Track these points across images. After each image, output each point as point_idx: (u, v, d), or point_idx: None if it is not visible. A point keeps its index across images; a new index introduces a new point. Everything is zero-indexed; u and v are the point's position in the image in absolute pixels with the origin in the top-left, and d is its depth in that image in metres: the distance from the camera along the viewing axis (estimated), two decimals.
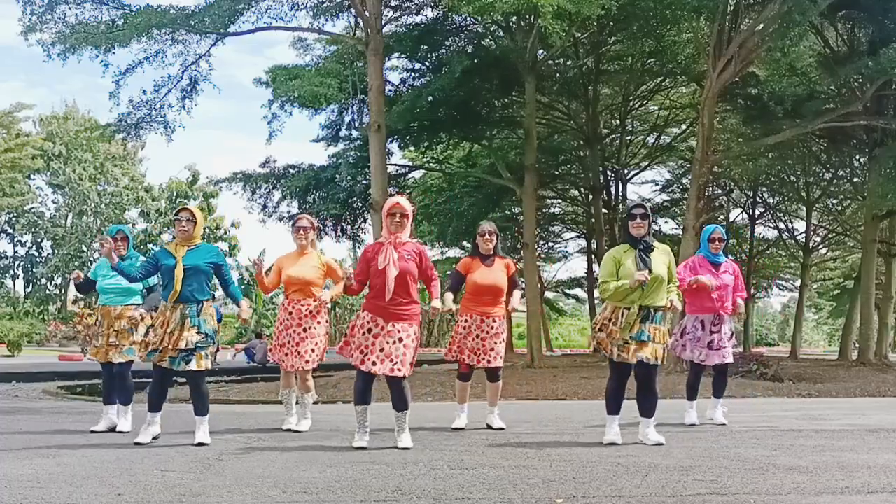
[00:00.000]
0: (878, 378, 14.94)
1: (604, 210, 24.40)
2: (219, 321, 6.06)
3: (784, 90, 17.65)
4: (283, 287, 6.51)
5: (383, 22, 15.57)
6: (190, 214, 5.74)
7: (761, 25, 15.23)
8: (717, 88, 15.75)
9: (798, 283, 30.58)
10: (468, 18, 17.85)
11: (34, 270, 44.29)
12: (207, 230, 44.22)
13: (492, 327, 6.44)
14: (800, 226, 28.48)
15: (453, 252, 32.62)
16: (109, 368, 6.46)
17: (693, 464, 4.76)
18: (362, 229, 22.05)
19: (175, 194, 45.52)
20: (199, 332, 5.57)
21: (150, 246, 44.94)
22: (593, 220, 24.54)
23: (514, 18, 17.21)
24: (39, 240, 44.83)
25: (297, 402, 6.61)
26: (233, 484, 4.18)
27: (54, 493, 3.95)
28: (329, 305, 6.42)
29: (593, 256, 26.47)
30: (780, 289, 37.19)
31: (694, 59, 18.96)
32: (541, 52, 18.62)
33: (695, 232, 15.58)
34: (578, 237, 31.54)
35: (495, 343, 6.44)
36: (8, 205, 38.68)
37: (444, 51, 18.95)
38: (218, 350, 5.90)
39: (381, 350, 5.36)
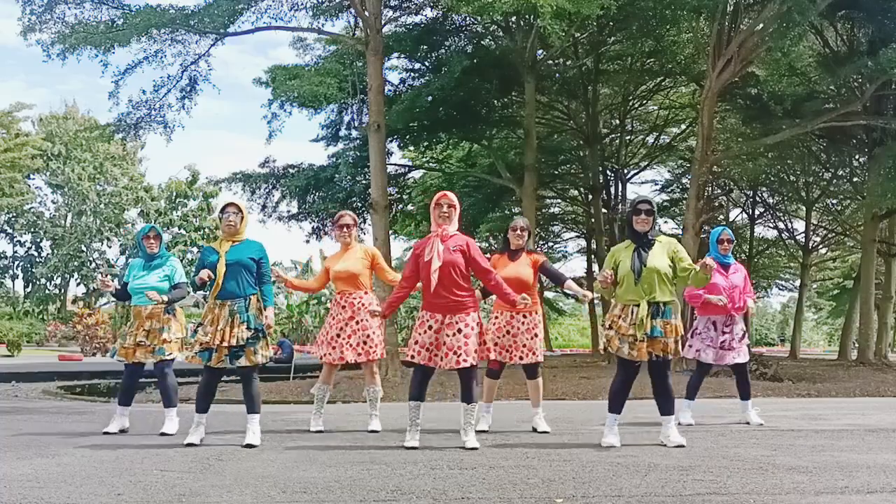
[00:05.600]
0: (877, 378, 14.95)
1: (603, 210, 24.40)
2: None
3: (784, 90, 17.67)
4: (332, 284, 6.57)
5: (383, 22, 15.55)
6: (236, 209, 5.70)
7: (761, 25, 15.24)
8: (716, 88, 15.76)
9: (798, 282, 30.61)
10: (468, 18, 17.85)
11: (33, 270, 44.27)
12: (207, 230, 44.23)
13: (522, 323, 6.25)
14: (799, 226, 28.54)
15: None
16: (133, 369, 6.37)
17: (693, 464, 4.76)
18: (362, 229, 22.03)
19: (174, 194, 45.51)
20: (248, 328, 5.52)
21: None
22: (593, 219, 24.56)
23: (514, 18, 17.21)
24: (39, 240, 44.81)
25: (368, 399, 6.55)
26: (233, 484, 4.18)
27: (54, 493, 3.94)
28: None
29: (593, 256, 26.49)
30: (780, 289, 37.26)
31: (693, 58, 18.98)
32: (540, 52, 18.62)
33: (694, 232, 15.60)
34: (578, 237, 31.58)
35: (527, 339, 6.23)
36: (7, 205, 38.66)
37: (443, 51, 18.95)
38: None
39: (444, 344, 5.37)
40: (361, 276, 6.38)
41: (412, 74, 20.01)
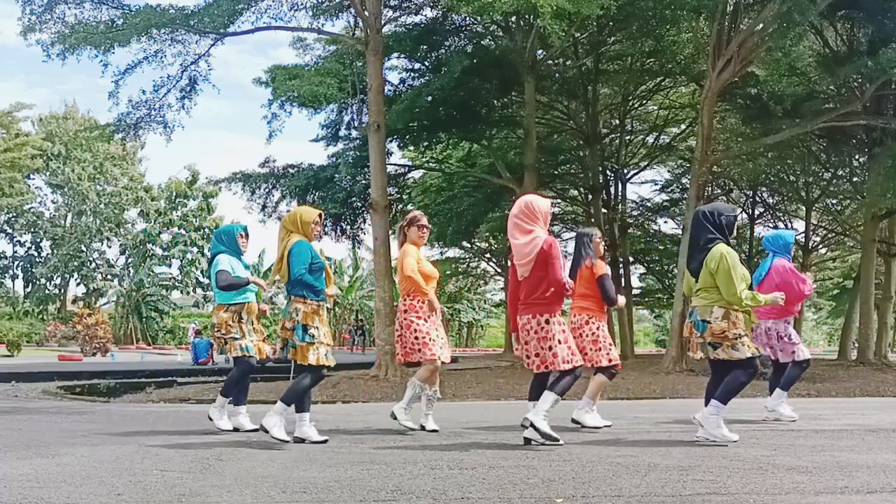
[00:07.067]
0: (877, 378, 14.96)
1: (603, 210, 24.40)
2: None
3: (783, 90, 17.67)
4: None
5: (383, 22, 15.56)
6: (320, 217, 5.97)
7: (761, 25, 15.26)
8: (716, 88, 15.78)
9: None
10: (468, 18, 17.86)
11: (33, 270, 44.27)
12: (207, 230, 44.21)
13: (598, 327, 6.69)
14: (799, 226, 28.53)
15: (452, 252, 32.60)
16: (252, 365, 6.45)
17: (692, 463, 4.76)
18: (362, 229, 22.04)
19: (174, 194, 45.52)
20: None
21: (149, 246, 44.97)
22: (593, 219, 24.55)
23: (514, 18, 17.23)
24: (39, 240, 44.82)
25: (427, 399, 6.36)
26: (232, 484, 4.18)
27: (54, 493, 3.94)
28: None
29: None
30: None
31: (693, 58, 18.99)
32: (540, 52, 18.64)
33: None
34: None
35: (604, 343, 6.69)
36: (7, 205, 38.67)
37: (443, 51, 18.97)
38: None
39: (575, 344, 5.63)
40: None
41: (412, 74, 20.03)
